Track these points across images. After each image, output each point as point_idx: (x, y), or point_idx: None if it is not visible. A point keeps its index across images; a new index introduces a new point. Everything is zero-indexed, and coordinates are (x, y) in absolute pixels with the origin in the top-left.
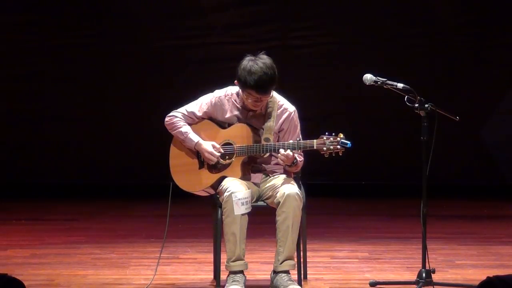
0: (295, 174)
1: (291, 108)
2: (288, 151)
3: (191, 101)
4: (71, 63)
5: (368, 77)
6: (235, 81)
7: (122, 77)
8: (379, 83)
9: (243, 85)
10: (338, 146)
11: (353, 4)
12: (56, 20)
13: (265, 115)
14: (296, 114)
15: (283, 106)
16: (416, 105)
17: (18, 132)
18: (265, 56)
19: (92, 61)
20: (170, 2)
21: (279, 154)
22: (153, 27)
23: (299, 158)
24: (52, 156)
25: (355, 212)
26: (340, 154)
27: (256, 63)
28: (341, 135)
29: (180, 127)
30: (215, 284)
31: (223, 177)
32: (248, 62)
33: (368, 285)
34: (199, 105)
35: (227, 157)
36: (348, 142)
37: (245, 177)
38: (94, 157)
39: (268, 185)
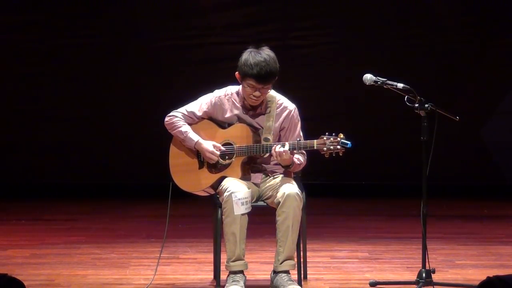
0: (295, 174)
1: (291, 106)
2: (286, 148)
3: (191, 101)
4: (71, 63)
5: (368, 77)
6: (236, 72)
7: (122, 77)
8: (379, 83)
9: (244, 74)
10: (338, 147)
11: (353, 4)
12: (56, 20)
13: (265, 115)
14: (297, 112)
15: (282, 104)
16: (416, 105)
17: (18, 132)
18: (268, 49)
19: (92, 61)
20: (170, 2)
21: (273, 150)
22: (153, 27)
23: (298, 161)
24: (52, 156)
25: (355, 212)
26: (341, 155)
27: (260, 53)
28: (342, 135)
29: (180, 127)
30: (215, 284)
31: (223, 177)
32: (251, 52)
33: (368, 285)
34: (199, 105)
35: (227, 157)
36: (348, 142)
37: (245, 177)
38: (94, 157)
39: (268, 185)
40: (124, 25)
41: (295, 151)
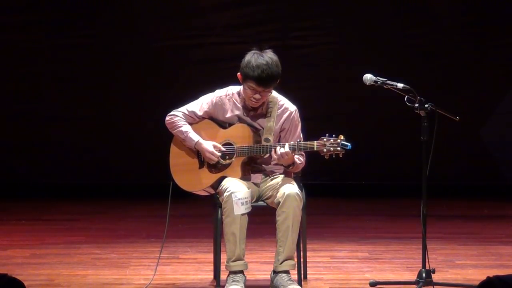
0: (295, 174)
1: (292, 107)
2: (287, 150)
3: (191, 101)
4: (71, 63)
5: (368, 77)
6: (238, 73)
7: (122, 77)
8: (379, 83)
9: (246, 76)
10: (339, 148)
11: (353, 4)
12: (56, 20)
13: (266, 115)
14: (297, 113)
15: (283, 105)
16: (416, 105)
17: (18, 132)
18: (272, 53)
19: (92, 61)
20: (170, 2)
21: (275, 153)
22: (153, 27)
23: (299, 161)
24: (52, 156)
25: (355, 212)
26: (341, 156)
27: (262, 56)
28: (342, 137)
29: (181, 127)
30: (215, 284)
31: (223, 177)
32: (253, 55)
33: (368, 285)
34: (200, 104)
35: (227, 157)
36: (349, 144)
37: (245, 177)
38: (94, 157)
39: (268, 185)
40: (124, 25)
41: (295, 152)
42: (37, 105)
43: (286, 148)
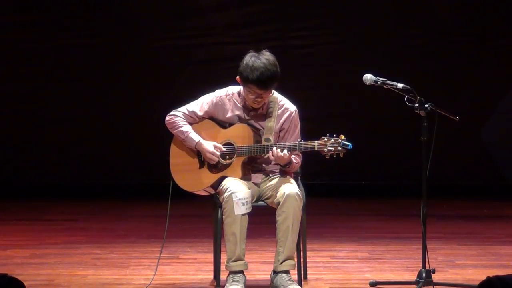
0: (295, 174)
1: (292, 107)
2: (285, 152)
3: (191, 101)
4: (71, 63)
5: (368, 77)
6: (237, 76)
7: (122, 77)
8: (379, 83)
9: (245, 80)
10: (339, 148)
11: (353, 4)
12: (56, 20)
13: (266, 115)
14: (297, 114)
15: (284, 105)
16: (416, 105)
17: (18, 132)
18: (268, 53)
19: (92, 61)
20: (170, 2)
21: (271, 153)
22: (153, 27)
23: (295, 161)
24: (52, 156)
25: (355, 212)
26: (341, 156)
27: (259, 58)
28: (343, 137)
29: (181, 127)
30: (215, 284)
31: (223, 177)
32: (251, 58)
33: (368, 285)
34: (200, 104)
35: (227, 157)
36: (350, 144)
37: (245, 177)
38: (94, 157)
39: (268, 185)
40: (124, 25)
41: (295, 152)
42: (37, 105)
43: (284, 151)
